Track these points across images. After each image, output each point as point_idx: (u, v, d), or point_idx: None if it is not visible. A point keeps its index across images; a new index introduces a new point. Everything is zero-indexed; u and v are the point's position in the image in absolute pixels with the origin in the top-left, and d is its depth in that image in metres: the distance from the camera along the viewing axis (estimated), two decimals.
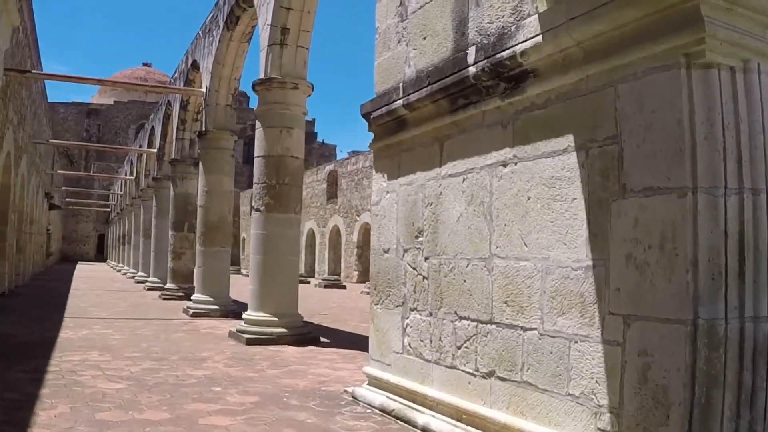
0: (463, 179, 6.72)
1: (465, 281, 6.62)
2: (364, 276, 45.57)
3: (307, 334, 13.96)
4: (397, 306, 7.79)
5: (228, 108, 20.24)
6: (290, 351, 12.73)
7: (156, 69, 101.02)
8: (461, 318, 6.64)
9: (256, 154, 14.28)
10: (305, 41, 14.36)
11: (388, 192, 8.12)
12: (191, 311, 19.19)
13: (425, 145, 7.45)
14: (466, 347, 6.54)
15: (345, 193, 49.21)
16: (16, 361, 10.76)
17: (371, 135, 8.51)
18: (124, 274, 46.36)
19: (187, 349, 12.80)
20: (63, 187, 65.80)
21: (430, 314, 7.15)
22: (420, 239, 7.41)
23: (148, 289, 29.67)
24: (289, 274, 13.94)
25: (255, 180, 14.19)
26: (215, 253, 19.62)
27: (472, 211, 6.53)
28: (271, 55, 14.21)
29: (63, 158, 74.58)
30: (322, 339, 14.33)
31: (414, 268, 7.50)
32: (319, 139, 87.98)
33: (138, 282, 35.24)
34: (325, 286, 39.06)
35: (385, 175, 8.22)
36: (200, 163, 20.45)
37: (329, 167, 53.34)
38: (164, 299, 24.63)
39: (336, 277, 42.20)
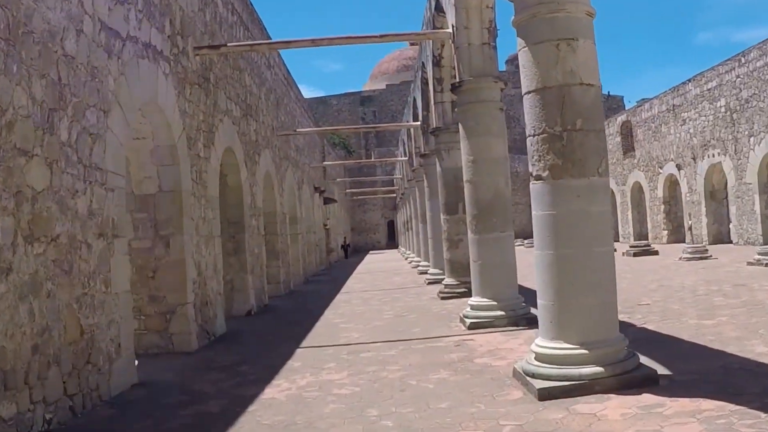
0: None
1: None
2: (675, 235, 41.50)
3: (635, 371, 8.52)
4: None
5: (485, 47, 15.28)
6: (615, 412, 7.38)
7: None
8: None
9: (524, 90, 9.08)
10: None
11: None
12: (468, 321, 14.36)
13: None
14: None
15: (642, 144, 44.80)
16: None
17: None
18: (410, 262, 43.14)
19: (440, 415, 7.88)
20: (340, 179, 63.35)
21: None
22: None
23: (429, 283, 25.73)
24: (600, 278, 8.63)
25: (528, 131, 9.00)
26: (493, 240, 14.69)
27: None
28: None
29: (338, 149, 72.69)
30: (660, 370, 8.90)
31: None
32: (604, 91, 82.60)
33: (421, 273, 31.90)
34: (635, 254, 33.49)
35: None
36: (459, 125, 15.59)
37: (621, 118, 48.79)
38: (442, 298, 20.44)
39: (645, 242, 36.51)
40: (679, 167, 39.52)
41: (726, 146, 34.27)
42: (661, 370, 8.90)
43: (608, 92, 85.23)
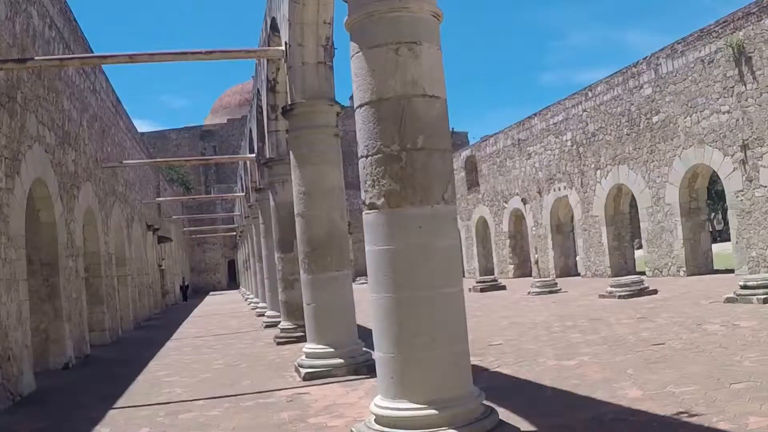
0: None
1: None
2: (521, 269, 41.42)
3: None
4: None
5: (321, 67, 13.93)
6: None
7: None
8: None
9: (356, 103, 7.67)
10: None
11: None
12: (303, 371, 12.84)
13: None
14: None
15: (487, 179, 44.49)
16: None
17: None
18: (249, 304, 41.27)
19: None
20: (177, 216, 61.03)
21: None
22: None
23: (266, 327, 24.10)
24: (449, 324, 7.25)
25: (360, 151, 7.58)
26: (328, 281, 13.21)
27: None
28: None
29: (176, 185, 70.33)
30: (524, 426, 7.63)
31: None
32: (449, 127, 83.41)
33: (259, 315, 30.21)
34: (482, 290, 32.49)
35: None
36: (290, 153, 14.12)
37: (465, 153, 48.54)
38: (278, 343, 18.90)
39: (492, 277, 35.84)
40: (524, 201, 39.18)
41: (572, 180, 34.08)
42: (525, 425, 7.75)
43: (453, 128, 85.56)
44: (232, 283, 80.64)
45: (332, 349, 12.93)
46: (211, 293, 71.66)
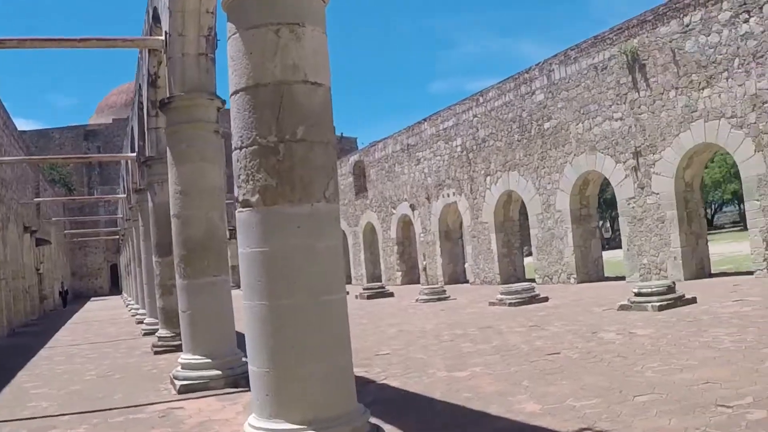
0: None
1: None
2: (409, 276, 41.03)
3: None
4: None
5: (202, 59, 13.09)
6: None
7: None
8: None
9: (230, 89, 6.90)
10: None
11: None
12: (179, 383, 11.99)
13: None
14: None
15: (375, 184, 43.96)
16: None
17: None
18: (130, 310, 39.67)
19: None
20: (58, 218, 58.98)
21: None
22: None
23: (145, 334, 22.99)
24: (331, 335, 6.54)
25: (234, 143, 6.81)
26: (206, 286, 12.38)
27: None
28: None
29: (58, 186, 68.07)
30: None
31: None
32: (337, 132, 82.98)
33: (138, 322, 28.81)
34: (369, 297, 31.90)
35: None
36: (168, 150, 13.22)
37: (354, 158, 47.96)
38: (156, 353, 17.91)
39: (380, 284, 35.24)
40: (413, 207, 38.72)
41: (462, 186, 33.76)
42: None
43: (341, 134, 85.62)
44: (115, 288, 78.51)
45: (209, 360, 12.10)
46: (92, 299, 69.57)
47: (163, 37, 13.71)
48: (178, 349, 16.38)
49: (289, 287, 6.37)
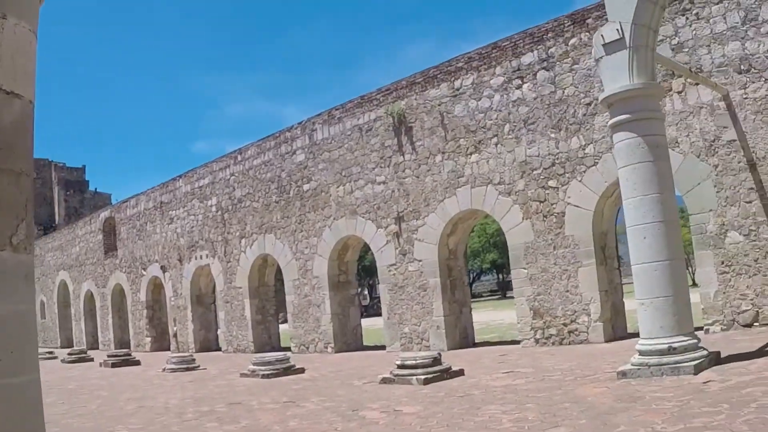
0: None
1: None
2: (159, 342, 38.65)
3: None
4: None
5: None
6: None
7: None
8: None
9: None
10: None
11: None
12: None
13: None
14: None
15: (126, 243, 41.31)
16: None
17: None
18: None
19: None
20: None
21: None
22: None
23: None
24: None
25: None
26: None
27: None
28: None
29: None
30: None
31: None
32: (92, 187, 79.71)
33: None
34: (113, 365, 29.34)
35: None
36: None
37: (104, 214, 45.13)
38: None
39: (126, 351, 32.80)
40: (164, 269, 36.54)
41: (216, 248, 32.05)
42: None
43: (96, 189, 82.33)
44: None
45: None
46: None
47: None
48: None
49: None
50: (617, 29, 12.59)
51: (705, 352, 12.04)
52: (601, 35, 12.90)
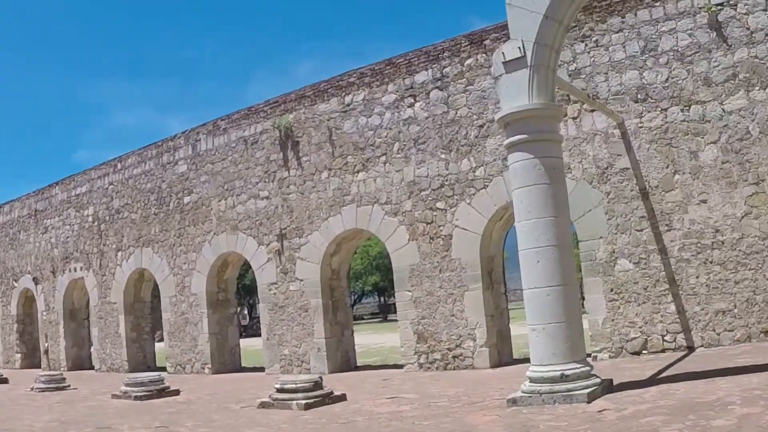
0: None
1: None
2: (31, 359, 36.50)
3: None
4: None
5: None
6: None
7: None
8: None
9: None
10: None
11: None
12: None
13: None
14: None
15: None
16: None
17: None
18: None
19: None
20: None
21: None
22: None
23: None
24: None
25: None
26: None
27: None
28: None
29: None
30: None
31: None
32: None
33: None
34: None
35: None
36: None
37: None
38: None
39: None
40: (36, 281, 34.84)
41: (90, 260, 30.67)
42: None
43: None
44: None
45: None
46: None
47: None
48: None
49: None
50: (519, 47, 12.22)
51: (598, 380, 11.71)
52: (502, 53, 12.50)
